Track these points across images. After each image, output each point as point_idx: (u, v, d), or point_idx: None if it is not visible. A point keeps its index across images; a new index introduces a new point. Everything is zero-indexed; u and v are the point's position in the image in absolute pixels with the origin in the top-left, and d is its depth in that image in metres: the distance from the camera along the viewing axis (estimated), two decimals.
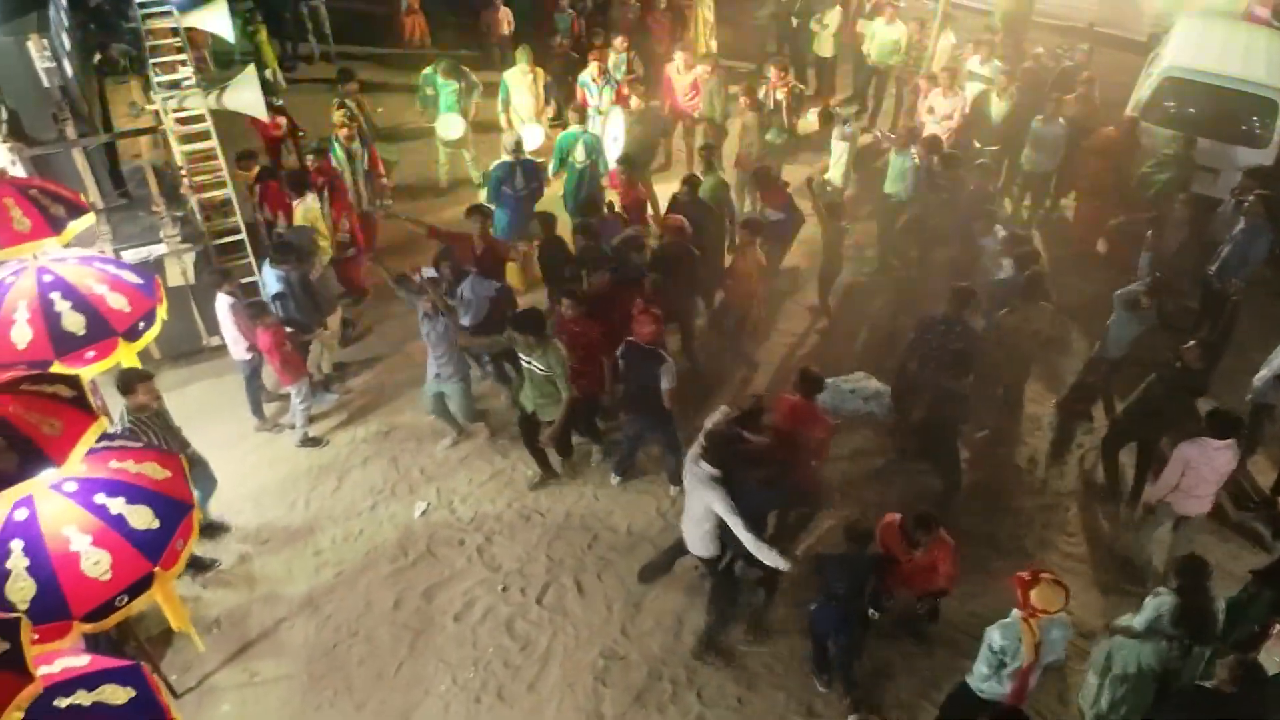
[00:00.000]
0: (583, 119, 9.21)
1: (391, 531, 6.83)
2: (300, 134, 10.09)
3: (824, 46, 12.47)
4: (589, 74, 10.10)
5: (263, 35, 12.20)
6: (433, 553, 6.69)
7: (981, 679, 4.89)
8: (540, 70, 10.28)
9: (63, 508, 4.09)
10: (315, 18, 13.35)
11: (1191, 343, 6.58)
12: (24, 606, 3.88)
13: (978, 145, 10.08)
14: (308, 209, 7.70)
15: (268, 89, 9.39)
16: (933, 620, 6.05)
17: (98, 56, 10.40)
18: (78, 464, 3.99)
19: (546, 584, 6.49)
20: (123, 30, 11.60)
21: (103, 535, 4.10)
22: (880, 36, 11.45)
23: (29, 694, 3.19)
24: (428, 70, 10.05)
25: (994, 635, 4.80)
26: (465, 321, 7.00)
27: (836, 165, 9.62)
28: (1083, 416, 7.87)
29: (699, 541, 5.64)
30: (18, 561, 3.93)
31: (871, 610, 5.32)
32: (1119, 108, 10.31)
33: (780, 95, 10.17)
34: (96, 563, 4.04)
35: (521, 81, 10.06)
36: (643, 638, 6.15)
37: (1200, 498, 6.12)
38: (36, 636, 3.83)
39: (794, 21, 13.11)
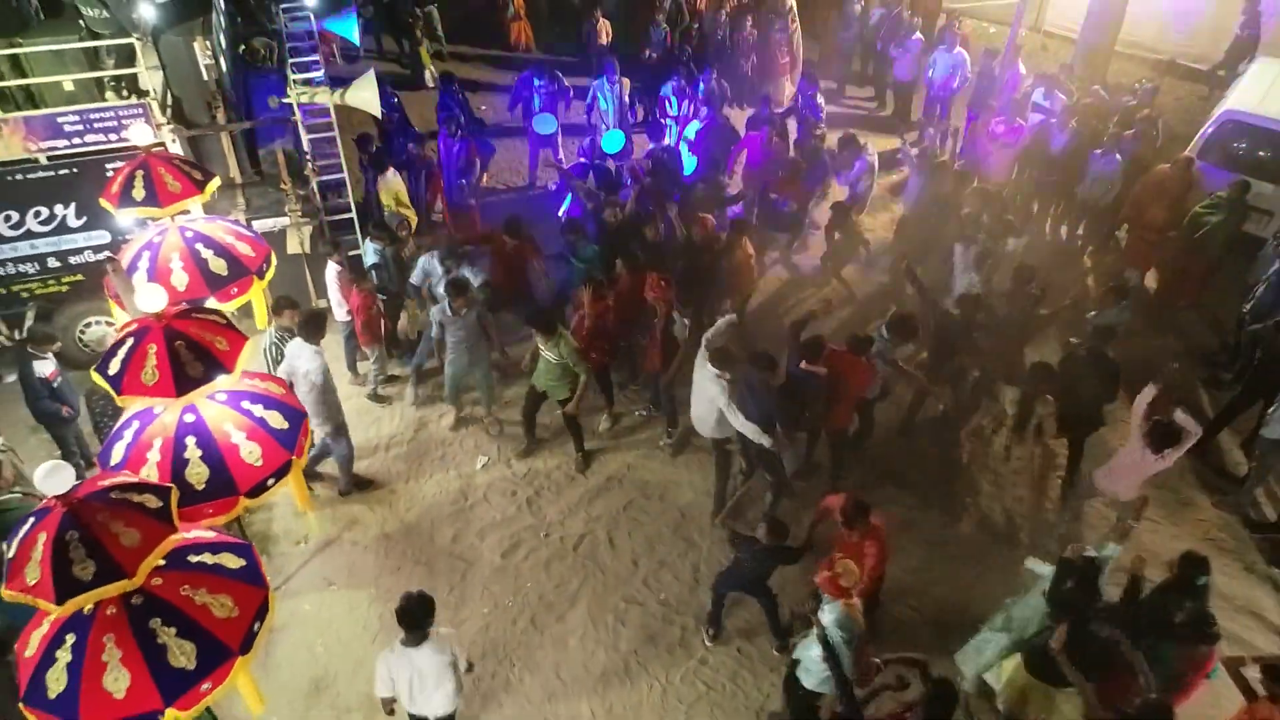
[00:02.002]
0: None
1: (455, 479, 7.86)
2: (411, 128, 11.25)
3: (903, 70, 13.02)
4: (669, 89, 10.97)
5: (421, 42, 13.70)
6: (488, 500, 7.69)
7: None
8: (626, 80, 11.21)
9: (220, 411, 5.28)
10: (429, 21, 14.59)
11: None
12: (201, 487, 5.06)
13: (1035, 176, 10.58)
14: (388, 184, 8.79)
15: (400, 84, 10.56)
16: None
17: (242, 47, 11.80)
18: (239, 373, 5.16)
19: (583, 535, 7.41)
20: (265, 23, 13.05)
21: (253, 432, 5.29)
22: (940, 62, 11.94)
23: (170, 543, 4.27)
24: (526, 73, 11.09)
25: (836, 632, 5.04)
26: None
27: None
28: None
29: (707, 424, 6.89)
30: (193, 453, 5.12)
31: None
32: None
33: None
34: (251, 452, 5.23)
35: (609, 89, 11.00)
36: (661, 589, 7.00)
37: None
38: (212, 512, 4.99)
39: (879, 44, 13.71)
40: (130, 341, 5.00)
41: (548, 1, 15.38)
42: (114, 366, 5.04)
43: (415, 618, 4.86)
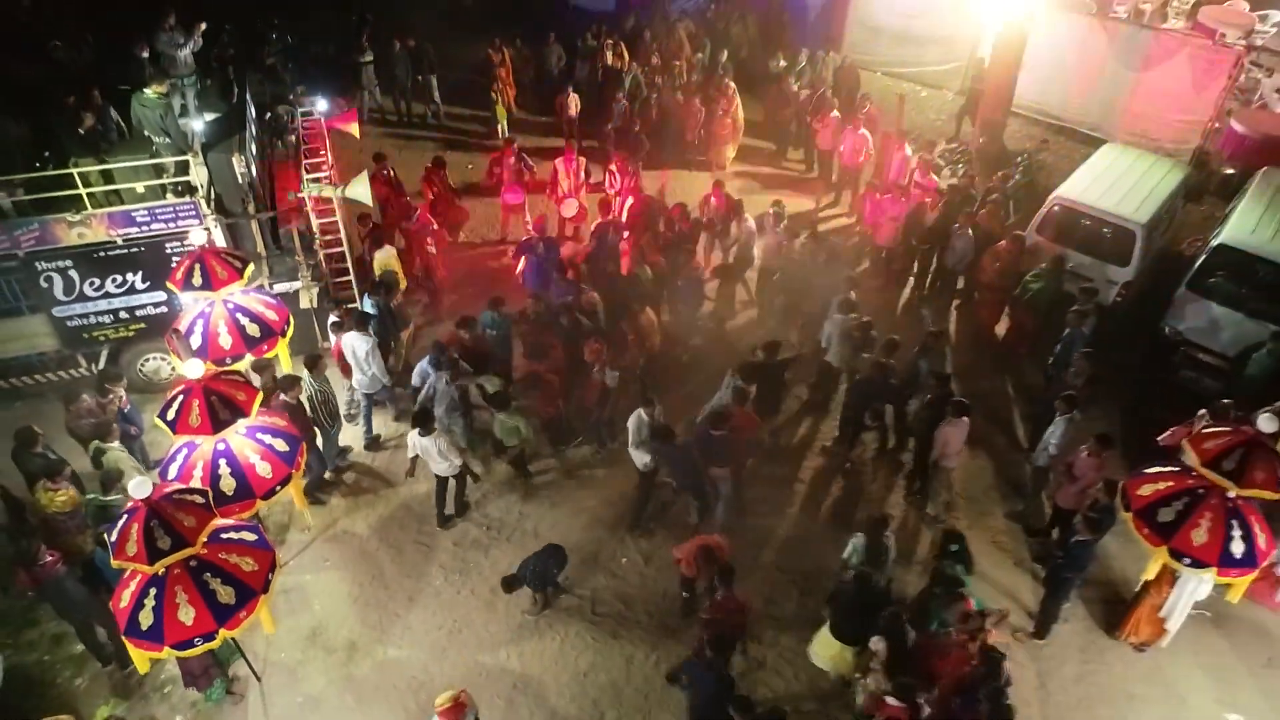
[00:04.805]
0: (607, 209, 12.51)
1: (423, 484, 10.25)
2: (403, 194, 13.59)
3: (824, 141, 15.33)
4: (614, 167, 13.39)
5: (499, 102, 16.51)
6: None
7: None
8: (583, 159, 13.62)
9: (242, 441, 7.78)
10: (428, 88, 17.06)
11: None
12: (230, 493, 7.55)
13: (913, 243, 12.89)
14: (385, 258, 11.26)
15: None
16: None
17: (268, 114, 14.16)
18: (255, 414, 7.66)
19: (515, 527, 9.87)
20: (290, 86, 15.39)
21: (265, 454, 7.79)
22: (849, 140, 14.26)
23: (213, 525, 6.75)
24: (497, 153, 13.55)
25: None
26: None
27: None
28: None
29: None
30: (224, 470, 7.63)
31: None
32: None
33: None
34: (264, 469, 7.74)
35: (567, 165, 13.42)
36: (571, 569, 9.37)
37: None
38: (239, 509, 7.47)
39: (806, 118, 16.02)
40: (181, 396, 7.55)
41: (530, 74, 17.67)
42: (170, 414, 7.57)
43: (422, 420, 8.84)
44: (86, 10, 15.97)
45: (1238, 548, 7.35)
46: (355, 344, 9.98)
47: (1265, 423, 7.50)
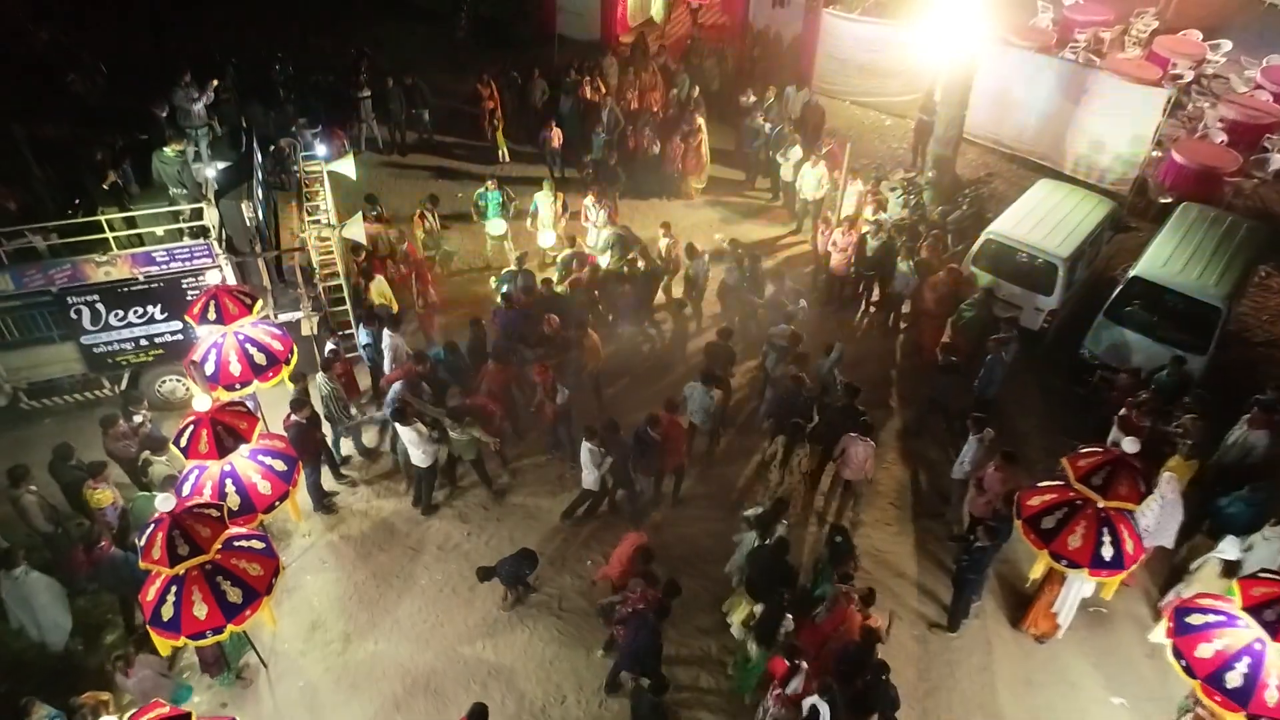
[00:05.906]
0: (573, 243, 13.70)
1: (409, 495, 11.47)
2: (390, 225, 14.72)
3: (787, 173, 16.52)
4: (589, 200, 14.58)
5: (499, 130, 17.70)
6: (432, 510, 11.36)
7: None
8: (561, 195, 14.80)
9: (246, 463, 8.97)
10: (420, 118, 18.23)
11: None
12: (235, 509, 8.71)
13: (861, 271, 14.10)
14: (377, 286, 12.47)
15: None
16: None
17: (272, 147, 15.33)
18: (256, 438, 8.87)
19: (493, 534, 11.07)
20: (291, 116, 16.55)
21: (266, 474, 8.97)
22: (808, 176, 15.46)
23: (225, 535, 7.96)
24: (480, 190, 14.75)
25: None
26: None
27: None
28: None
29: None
30: (230, 488, 8.80)
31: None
32: None
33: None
34: (265, 487, 8.90)
35: (545, 201, 14.60)
36: (541, 570, 10.58)
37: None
38: (243, 522, 8.67)
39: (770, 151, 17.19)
40: (191, 427, 8.76)
41: (515, 102, 18.79)
42: (183, 441, 8.78)
43: (401, 414, 10.07)
44: (95, 34, 17.30)
45: (1107, 551, 8.53)
46: (392, 339, 11.60)
47: (1128, 444, 8.67)
